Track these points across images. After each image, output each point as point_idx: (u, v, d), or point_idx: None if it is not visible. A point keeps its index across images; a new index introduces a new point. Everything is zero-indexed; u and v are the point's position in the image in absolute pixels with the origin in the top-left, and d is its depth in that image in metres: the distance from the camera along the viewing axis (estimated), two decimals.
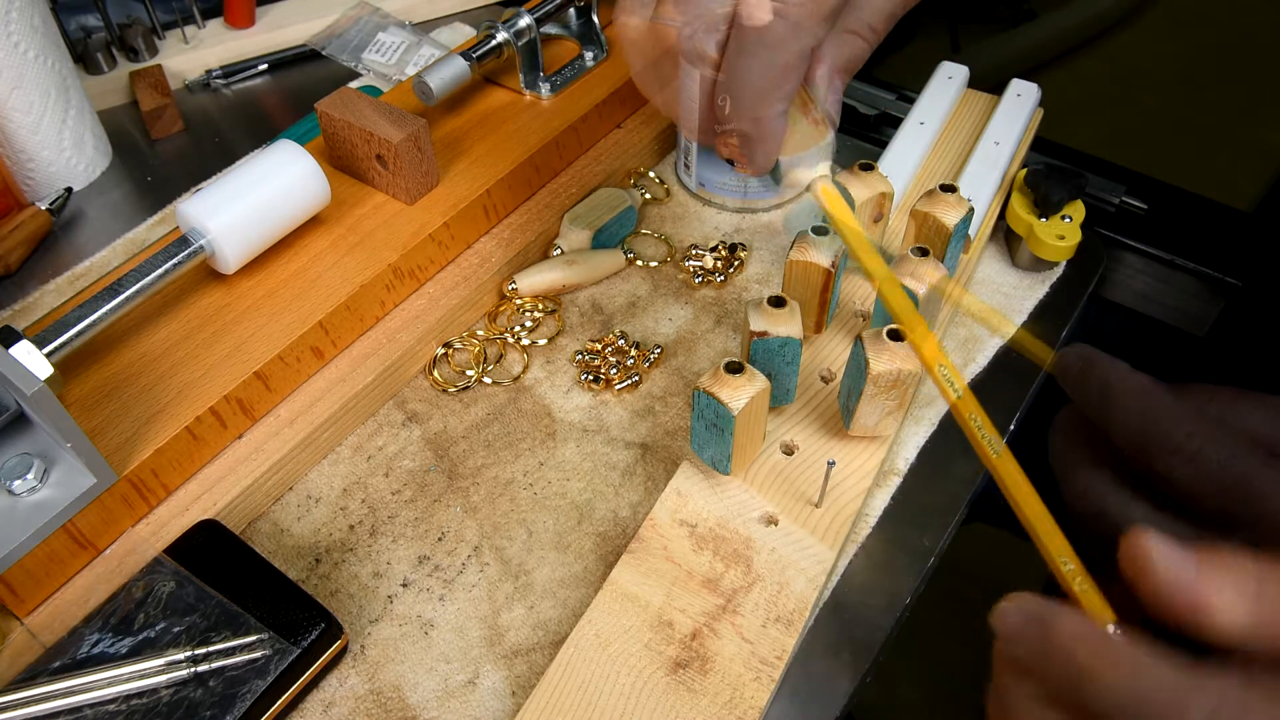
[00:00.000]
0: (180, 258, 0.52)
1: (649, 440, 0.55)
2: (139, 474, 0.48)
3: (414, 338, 0.58)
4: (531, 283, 0.62)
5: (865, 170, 0.56)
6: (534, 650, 0.47)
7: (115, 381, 0.51)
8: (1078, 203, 0.63)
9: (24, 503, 0.46)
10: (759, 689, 0.43)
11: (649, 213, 0.70)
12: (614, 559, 0.50)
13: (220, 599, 0.45)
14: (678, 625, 0.45)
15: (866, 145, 0.76)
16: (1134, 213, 0.71)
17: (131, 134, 0.78)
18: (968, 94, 0.73)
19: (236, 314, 0.55)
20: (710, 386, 0.45)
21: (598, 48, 0.72)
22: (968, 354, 0.60)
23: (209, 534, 0.48)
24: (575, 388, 0.58)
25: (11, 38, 0.64)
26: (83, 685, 0.42)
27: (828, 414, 0.53)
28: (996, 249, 0.66)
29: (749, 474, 0.50)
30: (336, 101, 0.60)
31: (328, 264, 0.57)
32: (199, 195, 0.53)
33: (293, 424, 0.53)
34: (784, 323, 0.48)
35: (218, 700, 0.42)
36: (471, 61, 0.64)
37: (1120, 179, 0.72)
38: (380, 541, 0.51)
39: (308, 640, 0.44)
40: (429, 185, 0.61)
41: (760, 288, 0.64)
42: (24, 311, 0.64)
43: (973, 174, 0.64)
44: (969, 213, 0.55)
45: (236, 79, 0.84)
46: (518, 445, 0.55)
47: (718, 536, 0.48)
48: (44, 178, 0.71)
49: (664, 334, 0.61)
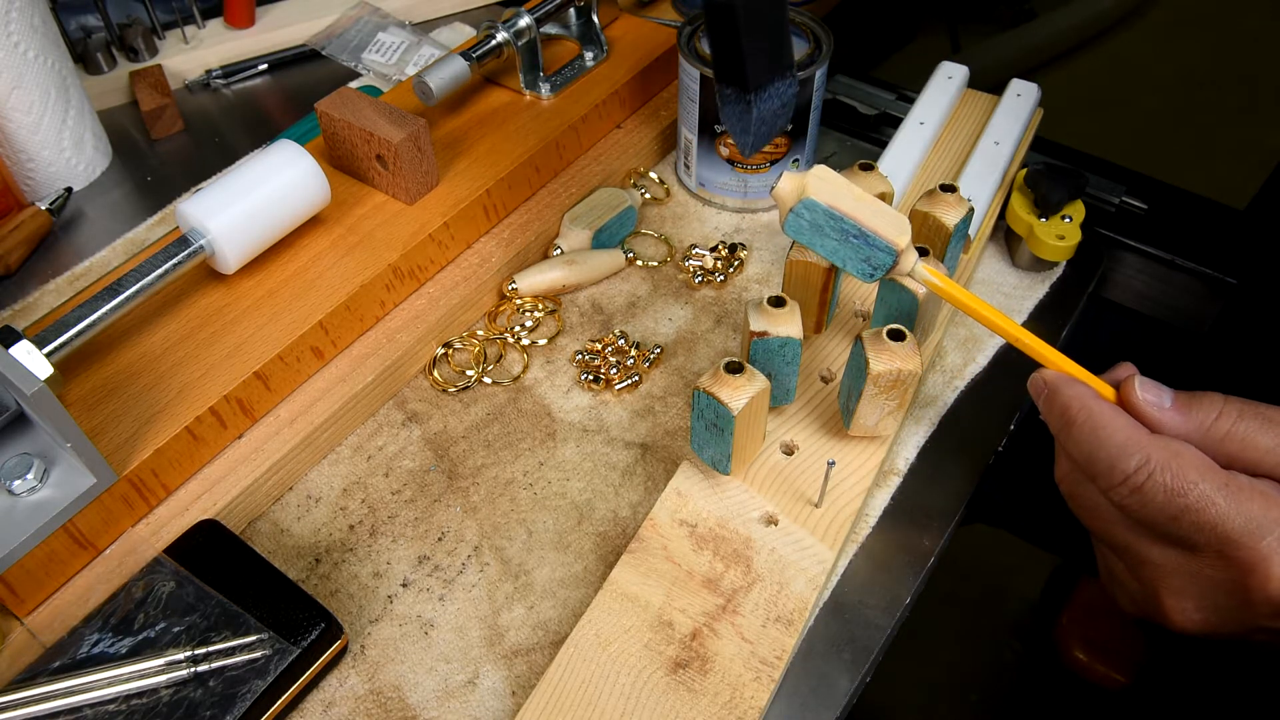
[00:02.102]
0: (180, 258, 0.52)
1: (649, 440, 0.55)
2: (139, 474, 0.48)
3: (414, 338, 0.58)
4: (531, 283, 0.62)
5: (865, 170, 0.56)
6: (534, 650, 0.47)
7: (115, 381, 0.51)
8: (1078, 203, 0.63)
9: (24, 503, 0.46)
10: (759, 689, 0.43)
11: (649, 213, 0.70)
12: (614, 559, 0.50)
13: (220, 599, 0.45)
14: (678, 625, 0.45)
15: (866, 145, 0.76)
16: (1134, 213, 0.71)
17: (131, 134, 0.78)
18: (968, 94, 0.73)
19: (236, 314, 0.55)
20: (710, 386, 0.45)
21: (598, 48, 0.72)
22: (968, 354, 0.60)
23: (209, 534, 0.48)
24: (575, 388, 0.58)
25: (11, 38, 0.64)
26: (83, 685, 0.42)
27: (828, 414, 0.53)
28: (996, 249, 0.66)
29: (749, 474, 0.50)
30: (336, 101, 0.60)
31: (328, 264, 0.57)
32: (199, 195, 0.53)
33: (293, 424, 0.53)
34: (784, 323, 0.48)
35: (218, 700, 0.42)
36: (471, 61, 0.64)
37: (1120, 179, 0.72)
38: (380, 541, 0.51)
39: (308, 640, 0.44)
40: (429, 185, 0.61)
41: (760, 288, 0.64)
42: (24, 311, 0.64)
43: (973, 174, 0.64)
44: (969, 212, 0.55)
45: (236, 79, 0.84)
46: (518, 445, 0.55)
47: (718, 536, 0.48)
48: (44, 178, 0.71)
49: (664, 334, 0.61)
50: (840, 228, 0.46)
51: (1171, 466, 0.39)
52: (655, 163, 0.73)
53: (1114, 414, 0.41)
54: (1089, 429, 0.41)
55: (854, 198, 0.46)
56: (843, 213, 0.45)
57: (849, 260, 0.47)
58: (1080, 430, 0.42)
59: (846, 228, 0.46)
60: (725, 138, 0.65)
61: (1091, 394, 0.43)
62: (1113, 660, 1.14)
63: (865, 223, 0.46)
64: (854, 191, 0.46)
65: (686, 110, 0.66)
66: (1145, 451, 0.40)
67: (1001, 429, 0.57)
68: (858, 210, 0.46)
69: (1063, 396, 0.43)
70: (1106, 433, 0.41)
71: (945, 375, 0.59)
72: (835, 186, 0.46)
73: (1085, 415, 0.42)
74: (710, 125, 0.65)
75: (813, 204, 0.45)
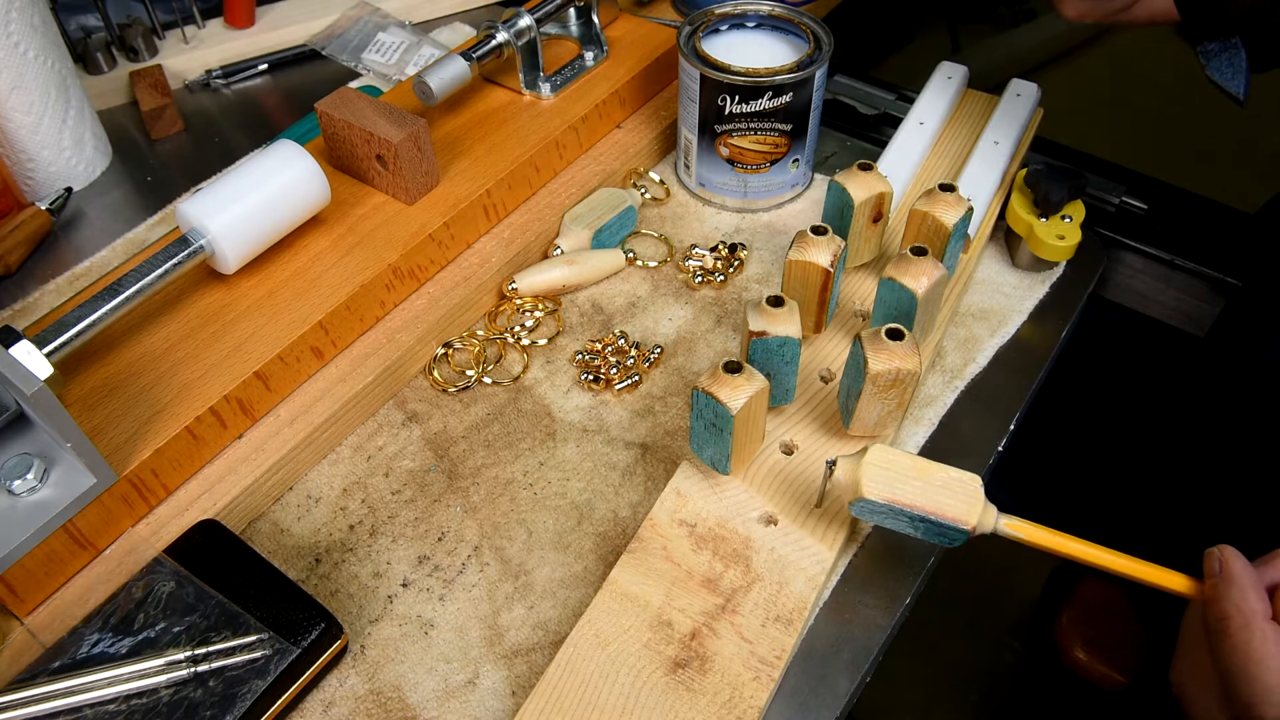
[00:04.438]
0: (180, 258, 0.52)
1: (649, 440, 0.55)
2: (139, 474, 0.48)
3: (414, 338, 0.58)
4: (531, 283, 0.62)
5: (865, 170, 0.57)
6: (534, 650, 0.47)
7: (115, 381, 0.51)
8: (1078, 203, 0.63)
9: (24, 503, 0.46)
10: (758, 689, 0.43)
11: (649, 213, 0.70)
12: (614, 559, 0.50)
13: (220, 599, 0.45)
14: (677, 625, 0.45)
15: (866, 145, 0.76)
16: (1134, 213, 0.71)
17: (131, 134, 0.78)
18: (968, 94, 0.73)
19: (236, 314, 0.55)
20: (709, 386, 0.45)
21: (598, 48, 0.72)
22: (968, 354, 0.60)
23: (209, 534, 0.48)
24: (575, 388, 0.58)
25: (11, 38, 0.64)
26: (83, 685, 0.42)
27: (827, 414, 0.53)
28: (996, 249, 0.66)
29: (748, 474, 0.50)
30: (336, 101, 0.60)
31: (328, 264, 0.57)
32: (199, 195, 0.53)
33: (293, 424, 0.53)
34: (783, 322, 0.48)
35: (218, 700, 0.42)
36: (471, 61, 0.64)
37: (1120, 179, 0.72)
38: (380, 541, 0.51)
39: (308, 640, 0.44)
40: (429, 185, 0.61)
41: (760, 288, 0.64)
42: (24, 311, 0.64)
43: (972, 174, 0.64)
44: (968, 212, 0.55)
45: (236, 79, 0.84)
46: (518, 445, 0.55)
47: (717, 536, 0.48)
48: (44, 178, 0.71)
49: (664, 334, 0.61)
50: (907, 515, 0.44)
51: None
52: (655, 163, 0.73)
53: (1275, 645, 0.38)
54: (1242, 654, 0.38)
55: (915, 477, 0.43)
56: (903, 505, 0.43)
57: (925, 533, 0.44)
58: (1233, 648, 0.38)
59: (912, 516, 0.44)
60: (725, 137, 0.65)
61: (1261, 612, 0.39)
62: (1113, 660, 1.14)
63: (930, 510, 0.43)
64: (915, 468, 0.44)
65: (686, 110, 0.66)
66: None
67: (1001, 429, 0.57)
68: (920, 499, 0.43)
69: (1229, 603, 0.39)
70: (1261, 668, 0.37)
71: (945, 375, 0.59)
72: (892, 473, 0.44)
73: (1244, 636, 0.38)
74: (710, 125, 0.65)
75: (871, 503, 0.44)
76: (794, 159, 0.67)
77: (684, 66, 0.64)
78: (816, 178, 0.72)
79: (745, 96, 0.62)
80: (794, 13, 0.66)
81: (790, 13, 0.67)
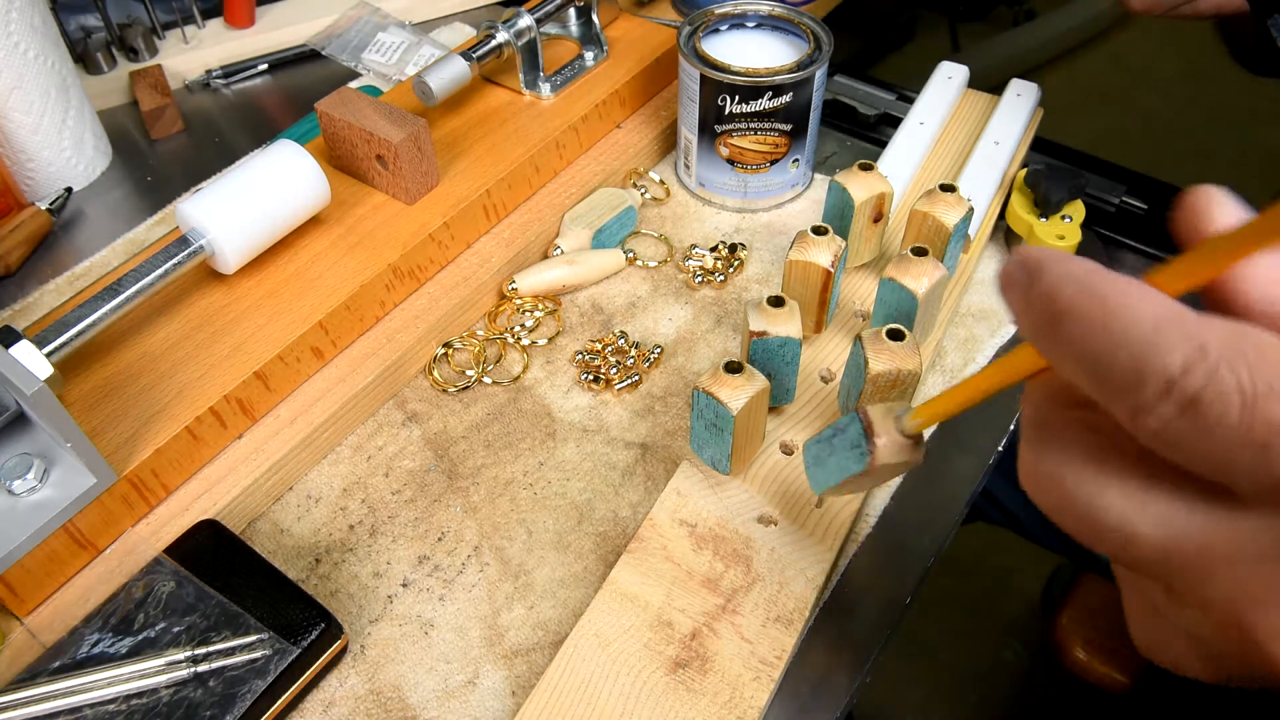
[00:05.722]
0: (180, 258, 0.52)
1: (649, 440, 0.55)
2: (139, 474, 0.48)
3: (414, 338, 0.58)
4: (531, 283, 0.62)
5: (865, 170, 0.57)
6: (534, 650, 0.47)
7: (115, 381, 0.51)
8: (1078, 203, 0.63)
9: (24, 503, 0.46)
10: (759, 689, 0.43)
11: (649, 213, 0.70)
12: (614, 559, 0.50)
13: (220, 599, 0.45)
14: (677, 625, 0.45)
15: (866, 145, 0.76)
16: (1134, 213, 0.71)
17: (131, 134, 0.78)
18: (968, 94, 0.73)
19: (236, 314, 0.55)
20: (710, 386, 0.45)
21: (598, 48, 0.72)
22: (968, 354, 0.60)
23: (209, 534, 0.48)
24: (575, 388, 0.58)
25: (11, 38, 0.64)
26: (83, 685, 0.42)
27: (828, 414, 0.53)
28: (996, 249, 0.66)
29: (749, 474, 0.50)
30: (336, 101, 0.60)
31: (328, 264, 0.57)
32: (199, 195, 0.53)
33: (293, 424, 0.53)
34: (783, 322, 0.48)
35: (218, 700, 0.42)
36: (471, 61, 0.64)
37: (1120, 179, 0.72)
38: (380, 541, 0.51)
39: (308, 640, 0.44)
40: (429, 185, 0.61)
41: (760, 288, 0.64)
42: (24, 311, 0.64)
43: (973, 174, 0.64)
44: (968, 212, 0.55)
45: (236, 79, 0.84)
46: (518, 445, 0.55)
47: (717, 536, 0.48)
48: (44, 178, 0.71)
49: (664, 334, 0.61)
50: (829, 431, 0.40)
51: (1246, 358, 0.22)
52: (655, 163, 0.73)
53: (1139, 291, 0.25)
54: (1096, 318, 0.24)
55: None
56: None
57: (842, 447, 0.40)
58: (1078, 323, 0.25)
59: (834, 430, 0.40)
60: (725, 137, 0.65)
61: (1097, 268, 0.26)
62: (1113, 660, 1.14)
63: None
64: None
65: (686, 110, 0.66)
66: (1196, 339, 0.23)
67: (1001, 429, 0.57)
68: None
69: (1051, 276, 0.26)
70: (1127, 318, 0.24)
71: (945, 375, 0.59)
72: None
73: (1086, 299, 0.25)
74: (710, 125, 0.65)
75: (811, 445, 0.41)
76: (794, 159, 0.67)
77: (684, 66, 0.64)
78: (816, 178, 0.72)
79: (745, 96, 0.62)
80: (794, 13, 0.66)
81: (790, 13, 0.67)
